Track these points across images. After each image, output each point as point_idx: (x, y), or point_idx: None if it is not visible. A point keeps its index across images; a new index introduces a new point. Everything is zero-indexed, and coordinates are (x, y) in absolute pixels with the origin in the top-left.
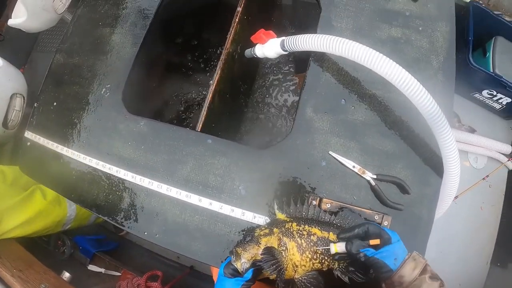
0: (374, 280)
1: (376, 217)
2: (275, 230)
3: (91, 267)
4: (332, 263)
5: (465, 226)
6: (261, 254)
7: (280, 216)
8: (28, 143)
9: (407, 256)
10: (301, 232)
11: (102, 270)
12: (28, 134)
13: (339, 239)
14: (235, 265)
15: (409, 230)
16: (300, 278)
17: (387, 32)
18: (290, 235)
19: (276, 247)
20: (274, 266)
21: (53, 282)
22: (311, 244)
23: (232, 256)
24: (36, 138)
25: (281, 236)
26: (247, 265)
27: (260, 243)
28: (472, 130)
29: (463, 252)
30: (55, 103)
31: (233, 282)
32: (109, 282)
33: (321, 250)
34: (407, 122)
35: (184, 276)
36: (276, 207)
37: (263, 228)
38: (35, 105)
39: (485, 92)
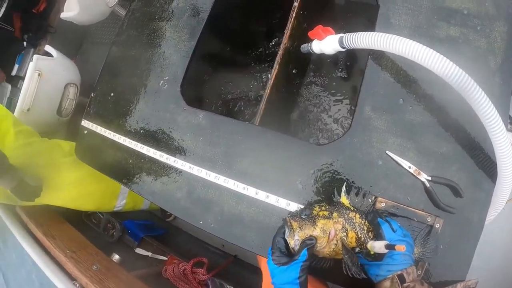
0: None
1: (429, 219)
2: (334, 214)
3: (139, 250)
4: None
5: None
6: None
7: (344, 201)
8: (85, 131)
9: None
10: (361, 227)
11: (149, 253)
12: (85, 123)
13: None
14: (288, 240)
15: (459, 234)
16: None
17: (446, 31)
18: (353, 225)
19: (333, 231)
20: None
21: (104, 264)
22: (368, 240)
23: (287, 229)
24: (93, 126)
25: (344, 223)
26: (298, 244)
27: (316, 225)
28: None
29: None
30: (112, 94)
31: (291, 267)
32: (155, 266)
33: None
34: (463, 124)
35: (228, 264)
36: (344, 189)
37: (323, 208)
38: (92, 95)
39: None
